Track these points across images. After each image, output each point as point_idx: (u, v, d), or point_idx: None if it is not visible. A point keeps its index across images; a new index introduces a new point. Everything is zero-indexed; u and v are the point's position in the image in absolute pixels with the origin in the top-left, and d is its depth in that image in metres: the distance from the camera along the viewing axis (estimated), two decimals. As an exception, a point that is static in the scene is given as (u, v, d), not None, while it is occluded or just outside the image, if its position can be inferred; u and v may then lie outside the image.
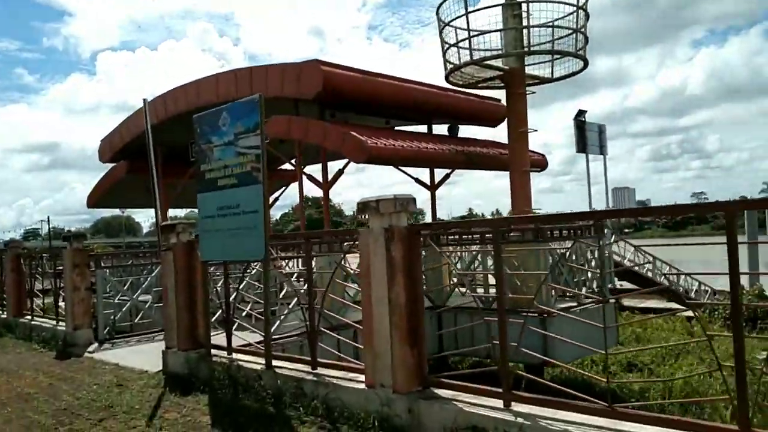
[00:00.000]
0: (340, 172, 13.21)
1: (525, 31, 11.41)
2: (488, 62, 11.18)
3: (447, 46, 11.86)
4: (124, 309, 10.23)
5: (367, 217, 4.94)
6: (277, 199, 20.91)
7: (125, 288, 10.73)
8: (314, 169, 14.12)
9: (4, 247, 13.16)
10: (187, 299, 7.27)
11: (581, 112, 28.03)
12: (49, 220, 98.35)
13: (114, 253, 11.72)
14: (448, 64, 11.79)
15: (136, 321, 10.44)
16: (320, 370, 5.54)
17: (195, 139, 6.99)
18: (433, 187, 15.84)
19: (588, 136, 28.39)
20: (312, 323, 5.79)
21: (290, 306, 9.01)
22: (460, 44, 11.71)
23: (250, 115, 6.20)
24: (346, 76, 11.86)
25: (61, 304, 10.79)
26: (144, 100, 7.39)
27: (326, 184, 13.25)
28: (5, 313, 12.70)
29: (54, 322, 10.69)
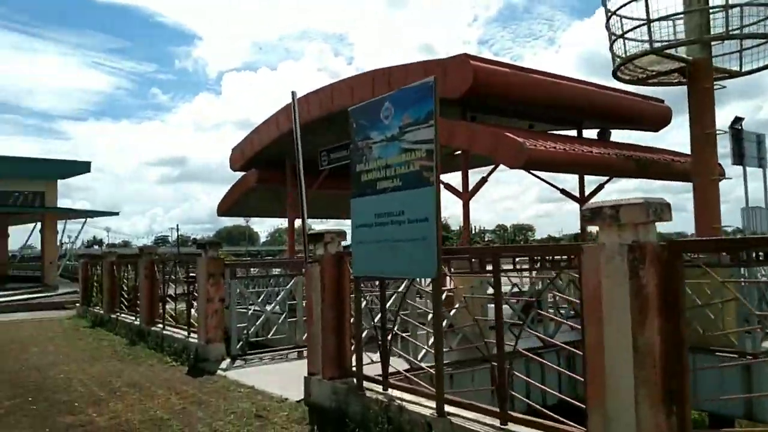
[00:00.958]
0: (484, 180, 11.93)
1: (713, 15, 9.64)
2: (669, 52, 9.50)
3: (614, 37, 10.30)
4: (257, 323, 9.55)
5: (595, 229, 3.66)
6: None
7: (259, 300, 10.08)
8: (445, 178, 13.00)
9: (139, 252, 13.10)
10: (335, 320, 6.30)
11: (738, 120, 24.94)
12: (178, 228, 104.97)
13: (248, 263, 11.32)
14: (616, 58, 10.22)
15: (269, 336, 9.73)
16: (514, 428, 4.28)
17: (351, 136, 6.03)
18: (582, 199, 14.15)
19: (746, 147, 25.28)
20: (501, 365, 4.54)
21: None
22: (631, 33, 10.12)
23: (420, 104, 5.13)
24: (496, 71, 10.63)
25: (193, 313, 10.37)
26: (293, 93, 6.59)
27: (467, 194, 12.03)
28: (138, 319, 12.59)
29: (185, 333, 10.25)
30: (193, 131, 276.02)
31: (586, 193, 14.26)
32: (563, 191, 14.31)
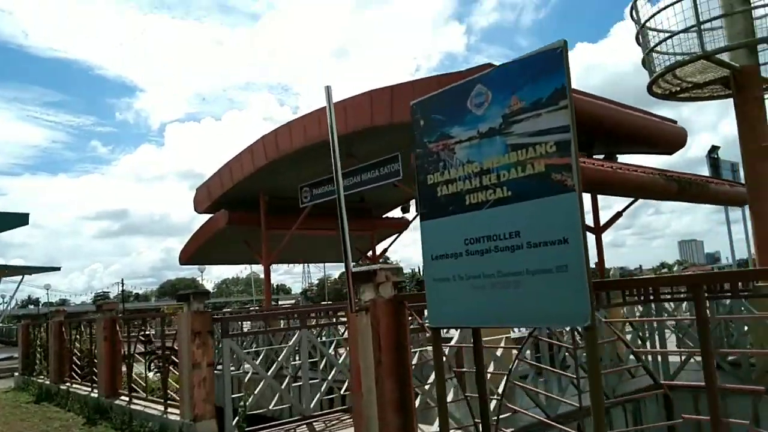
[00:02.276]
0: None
1: (757, 20, 8.75)
2: (719, 58, 8.46)
3: (648, 48, 9.25)
4: (256, 391, 7.67)
5: None
6: (385, 251, 18.42)
7: (258, 362, 8.20)
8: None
9: (96, 309, 11.02)
10: (398, 390, 4.62)
11: (714, 148, 24.78)
12: (122, 283, 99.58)
13: (241, 316, 9.41)
14: (654, 69, 9.13)
15: (270, 407, 7.83)
16: None
17: (415, 139, 4.48)
18: (598, 229, 12.96)
19: (722, 176, 25.06)
20: None
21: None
22: (660, 46, 9.11)
23: (540, 79, 3.65)
24: None
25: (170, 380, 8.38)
26: (327, 87, 5.06)
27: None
28: (96, 391, 10.41)
29: (161, 408, 8.23)
30: (135, 183, 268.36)
31: (602, 222, 13.12)
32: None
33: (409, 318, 4.94)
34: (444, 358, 4.33)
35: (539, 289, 3.57)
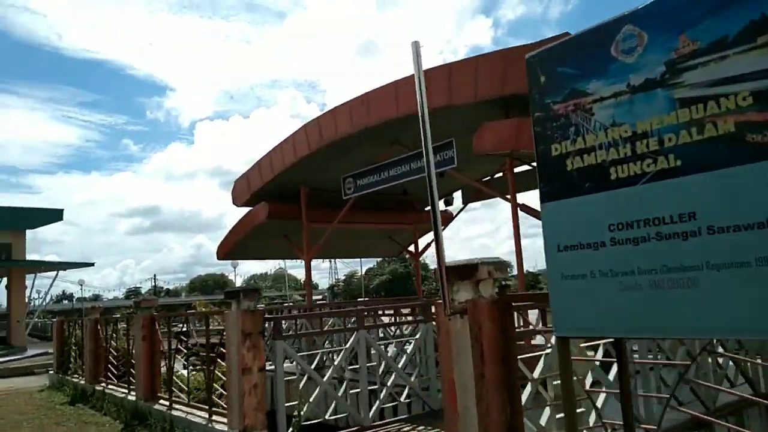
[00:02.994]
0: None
1: None
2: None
3: None
4: (312, 398, 6.89)
5: None
6: (428, 246, 17.51)
7: (313, 366, 7.42)
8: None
9: (134, 306, 10.39)
10: (505, 412, 3.77)
11: None
12: (155, 278, 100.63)
13: (294, 315, 8.55)
14: None
15: (326, 416, 7.05)
16: None
17: (533, 99, 3.60)
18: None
19: None
20: None
21: None
22: None
23: (726, 11, 2.75)
24: None
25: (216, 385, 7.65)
26: (414, 43, 4.24)
27: None
28: (134, 394, 9.77)
29: (206, 416, 7.52)
30: (165, 181, 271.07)
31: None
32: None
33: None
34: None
35: (727, 289, 2.68)
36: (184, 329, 15.92)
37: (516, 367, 3.84)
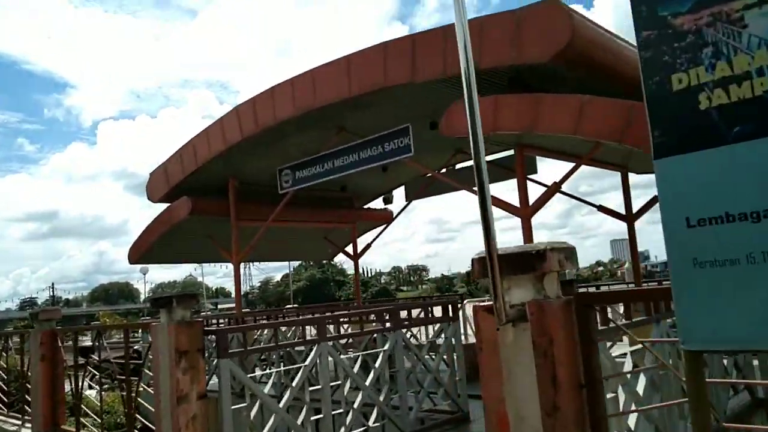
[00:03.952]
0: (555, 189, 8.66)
1: None
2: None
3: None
4: (268, 427, 5.52)
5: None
6: (368, 246, 16.32)
7: (267, 388, 6.04)
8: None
9: (30, 318, 8.59)
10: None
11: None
12: (53, 287, 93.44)
13: (245, 326, 7.00)
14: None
15: (283, 451, 5.71)
16: None
17: (636, 11, 2.53)
18: (630, 217, 11.46)
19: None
20: None
21: None
22: None
23: None
24: (596, 32, 7.47)
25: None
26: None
27: (527, 209, 8.69)
28: (31, 427, 7.97)
29: (127, 454, 5.98)
30: (65, 183, 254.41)
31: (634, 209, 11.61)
32: (603, 208, 11.55)
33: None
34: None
35: None
36: (90, 344, 13.90)
37: (603, 395, 2.76)
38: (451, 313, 7.13)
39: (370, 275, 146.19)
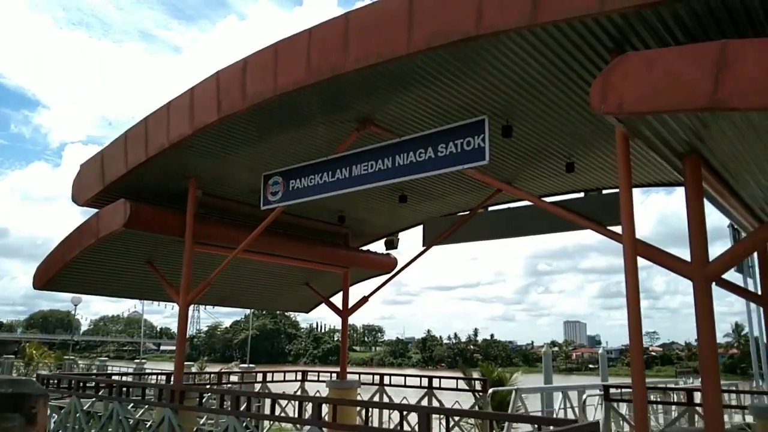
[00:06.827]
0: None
1: None
2: None
3: None
4: None
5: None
6: (364, 300, 12.29)
7: None
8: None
9: None
10: None
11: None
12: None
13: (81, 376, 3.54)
14: None
15: None
16: None
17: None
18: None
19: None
20: None
21: None
22: None
23: None
24: None
25: None
26: None
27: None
28: None
29: None
30: (20, 201, 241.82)
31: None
32: None
33: None
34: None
35: None
36: None
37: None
38: None
39: (324, 330, 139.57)
